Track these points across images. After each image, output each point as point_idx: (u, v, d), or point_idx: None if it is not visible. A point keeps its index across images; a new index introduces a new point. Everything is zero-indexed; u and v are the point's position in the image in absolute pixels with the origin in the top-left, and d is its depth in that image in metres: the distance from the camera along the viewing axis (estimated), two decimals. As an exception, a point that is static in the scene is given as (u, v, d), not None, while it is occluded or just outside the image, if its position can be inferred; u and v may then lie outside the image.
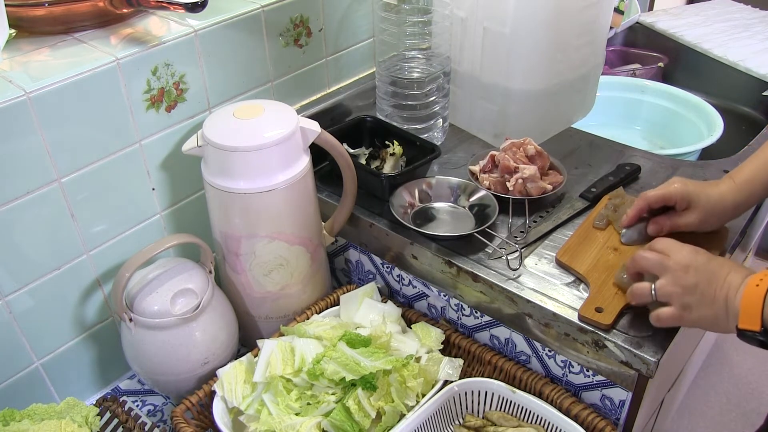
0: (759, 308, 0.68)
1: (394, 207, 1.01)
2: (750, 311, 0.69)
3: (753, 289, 0.70)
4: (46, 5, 0.88)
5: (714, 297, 0.74)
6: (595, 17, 1.10)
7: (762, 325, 0.69)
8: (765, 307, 0.68)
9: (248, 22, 1.03)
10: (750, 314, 0.69)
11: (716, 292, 0.74)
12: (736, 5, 1.94)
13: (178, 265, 0.97)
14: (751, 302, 0.69)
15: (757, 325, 0.69)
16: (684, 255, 0.78)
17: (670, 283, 0.77)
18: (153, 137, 0.97)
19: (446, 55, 1.16)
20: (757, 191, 0.88)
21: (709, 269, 0.76)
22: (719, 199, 0.88)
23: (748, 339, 0.71)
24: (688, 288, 0.76)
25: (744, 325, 0.70)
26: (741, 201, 0.88)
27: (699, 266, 0.77)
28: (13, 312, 0.90)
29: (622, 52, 1.87)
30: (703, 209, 0.88)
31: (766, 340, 0.69)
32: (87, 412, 0.89)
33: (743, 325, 0.70)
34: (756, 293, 0.69)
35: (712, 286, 0.74)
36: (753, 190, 0.88)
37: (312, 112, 1.19)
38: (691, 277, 0.76)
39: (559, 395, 0.91)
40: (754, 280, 0.70)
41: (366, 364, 0.88)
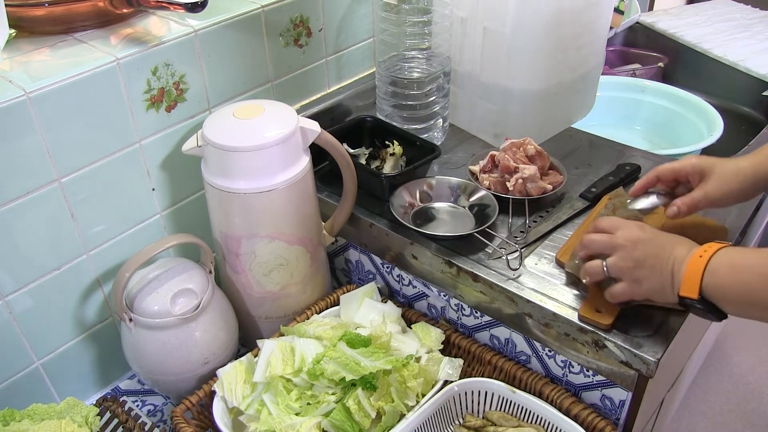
0: (698, 277, 0.73)
1: (394, 207, 1.01)
2: (690, 280, 0.74)
3: (696, 259, 0.74)
4: (46, 5, 0.88)
5: (662, 269, 0.77)
6: (595, 17, 1.10)
7: (700, 293, 0.73)
8: (704, 277, 0.73)
9: (248, 22, 1.03)
10: (690, 283, 0.74)
11: (663, 264, 0.77)
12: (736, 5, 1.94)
13: (178, 265, 0.97)
14: (692, 272, 0.74)
15: (695, 293, 0.73)
16: (631, 230, 0.81)
17: (621, 259, 0.80)
18: (153, 137, 0.97)
19: (446, 55, 1.16)
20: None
21: (657, 243, 0.79)
22: (735, 170, 0.84)
23: (688, 306, 0.76)
24: (639, 261, 0.78)
25: (684, 293, 0.74)
26: (762, 173, 0.84)
27: (647, 240, 0.79)
28: (13, 312, 0.90)
29: (622, 52, 1.87)
30: (718, 178, 0.85)
31: (704, 308, 0.74)
32: (87, 412, 0.89)
33: (683, 293, 0.74)
34: (698, 263, 0.73)
35: (660, 259, 0.77)
36: None
37: (312, 112, 1.19)
38: (640, 252, 0.79)
39: (559, 395, 0.91)
40: (699, 252, 0.75)
41: (366, 364, 0.88)
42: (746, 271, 0.71)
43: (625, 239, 0.80)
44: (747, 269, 0.71)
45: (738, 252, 0.74)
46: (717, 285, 0.73)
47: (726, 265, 0.73)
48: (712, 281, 0.73)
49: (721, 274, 0.72)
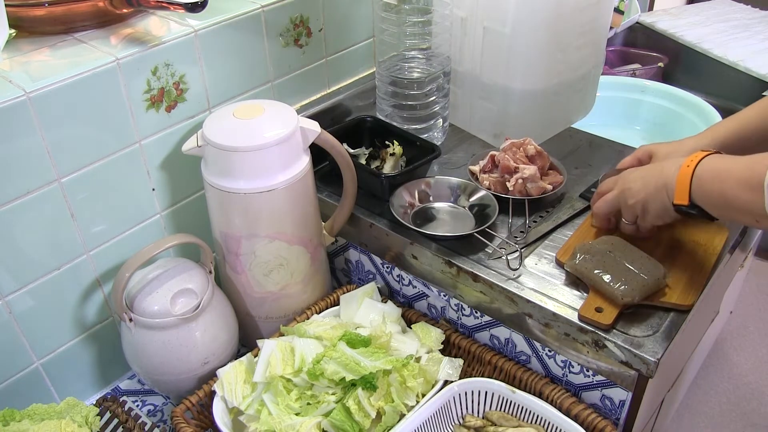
0: (687, 185, 0.79)
1: (394, 207, 1.01)
2: (681, 188, 0.80)
3: (684, 169, 0.80)
4: (46, 5, 0.88)
5: (657, 184, 0.84)
6: (595, 17, 1.10)
7: (690, 199, 0.79)
8: (692, 184, 0.79)
9: (248, 22, 1.03)
10: (680, 191, 0.80)
11: (658, 180, 0.84)
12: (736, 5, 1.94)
13: (178, 265, 0.97)
14: (682, 181, 0.80)
15: (686, 200, 0.80)
16: (626, 176, 0.90)
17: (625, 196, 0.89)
18: (153, 137, 0.97)
19: (446, 55, 1.16)
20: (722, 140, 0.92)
21: (652, 167, 0.88)
22: (677, 146, 0.94)
23: (682, 213, 0.82)
24: (635, 178, 0.88)
25: (677, 201, 0.81)
26: (703, 144, 0.92)
27: (641, 173, 0.88)
28: (13, 312, 0.90)
29: (622, 52, 1.87)
30: (661, 150, 0.96)
31: (696, 213, 0.80)
32: (87, 412, 0.89)
33: (676, 201, 0.81)
34: (686, 173, 0.79)
35: (654, 174, 0.85)
36: (715, 137, 0.93)
37: (312, 112, 1.19)
38: (638, 173, 0.88)
39: (559, 395, 0.91)
40: (686, 162, 0.80)
41: (366, 364, 0.88)
42: (724, 176, 0.76)
43: (624, 183, 0.89)
44: (725, 174, 0.76)
45: (720, 159, 0.79)
46: (702, 191, 0.79)
47: (708, 172, 0.78)
48: (698, 188, 0.79)
49: (705, 180, 0.78)
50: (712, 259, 0.91)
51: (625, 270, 0.87)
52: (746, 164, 0.74)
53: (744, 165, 0.74)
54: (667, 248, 0.94)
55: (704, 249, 0.93)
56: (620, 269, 0.87)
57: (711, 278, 0.89)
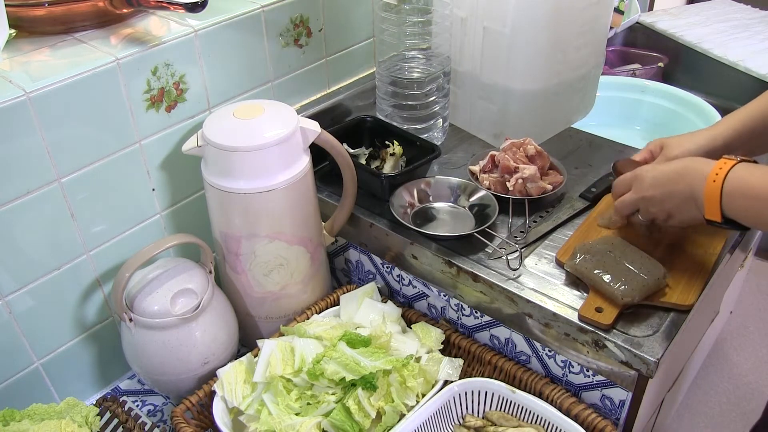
0: (717, 202, 0.77)
1: (394, 207, 1.01)
2: (711, 206, 0.78)
3: (711, 185, 0.78)
4: (46, 5, 0.88)
5: (682, 193, 0.82)
6: (595, 17, 1.10)
7: (722, 216, 0.78)
8: (722, 201, 0.77)
9: (248, 22, 1.03)
10: (712, 208, 0.78)
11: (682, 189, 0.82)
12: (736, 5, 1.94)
13: (178, 265, 0.97)
14: (711, 198, 0.78)
15: (718, 217, 0.78)
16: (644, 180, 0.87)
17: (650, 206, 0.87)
18: (153, 137, 0.97)
19: (446, 55, 1.16)
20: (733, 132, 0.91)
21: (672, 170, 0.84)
22: (689, 138, 0.93)
23: (715, 225, 0.80)
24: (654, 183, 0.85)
25: (709, 217, 0.79)
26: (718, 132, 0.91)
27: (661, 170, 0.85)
28: (13, 312, 0.90)
29: (622, 52, 1.87)
30: (672, 140, 0.93)
31: (730, 227, 0.79)
32: (87, 412, 0.89)
33: (708, 217, 0.79)
34: (713, 189, 0.77)
35: (678, 182, 0.82)
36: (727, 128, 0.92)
37: (312, 112, 1.19)
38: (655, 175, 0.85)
39: (559, 395, 0.91)
40: (711, 176, 0.78)
41: (366, 364, 0.88)
42: (759, 194, 0.74)
43: (642, 188, 0.87)
44: (759, 192, 0.74)
45: (749, 171, 0.76)
46: (734, 208, 0.77)
47: (740, 190, 0.76)
48: (730, 206, 0.77)
49: (736, 198, 0.76)
50: (712, 259, 0.91)
51: (625, 270, 0.87)
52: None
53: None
54: (667, 248, 0.93)
55: (704, 249, 0.93)
56: (620, 269, 0.87)
57: (711, 278, 0.89)
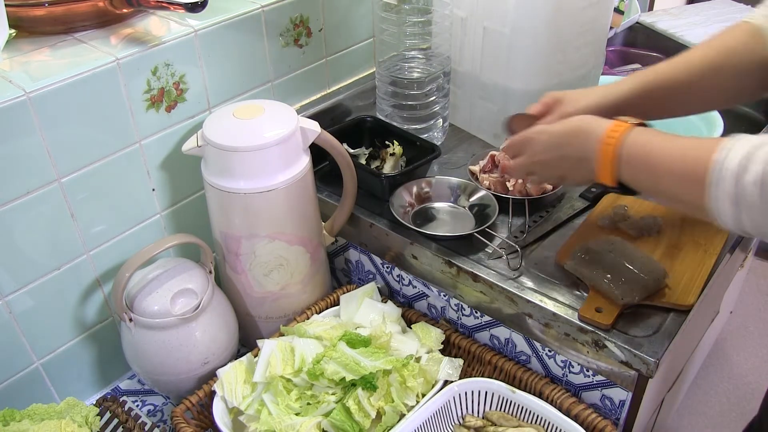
0: (610, 165, 0.75)
1: (394, 207, 1.01)
2: (604, 170, 0.76)
3: (605, 148, 0.75)
4: (46, 5, 0.88)
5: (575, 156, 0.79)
6: (595, 17, 1.10)
7: (615, 181, 0.76)
8: (619, 166, 0.75)
9: (248, 22, 1.03)
10: (605, 172, 0.76)
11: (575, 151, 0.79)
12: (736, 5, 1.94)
13: (178, 265, 0.97)
14: (604, 161, 0.76)
15: (611, 180, 0.76)
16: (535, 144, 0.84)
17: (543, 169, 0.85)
18: (153, 137, 0.97)
19: (446, 55, 1.16)
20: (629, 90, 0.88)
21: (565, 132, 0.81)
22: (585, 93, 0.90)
23: (609, 189, 0.80)
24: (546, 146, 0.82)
25: (601, 180, 0.77)
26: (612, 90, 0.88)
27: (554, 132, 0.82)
28: (13, 312, 0.90)
29: (622, 52, 1.86)
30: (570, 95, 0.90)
31: (620, 190, 0.78)
32: (87, 412, 0.89)
33: (601, 180, 0.77)
34: (607, 152, 0.75)
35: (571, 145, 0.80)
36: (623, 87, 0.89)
37: (312, 112, 1.19)
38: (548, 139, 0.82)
39: (559, 395, 0.91)
40: (605, 139, 0.75)
41: (366, 364, 0.88)
42: (657, 164, 0.72)
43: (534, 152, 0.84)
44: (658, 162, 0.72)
45: (646, 137, 0.74)
46: (630, 175, 0.75)
47: (637, 157, 0.74)
48: (626, 172, 0.75)
49: (633, 166, 0.74)
50: (712, 259, 0.92)
51: (625, 270, 0.87)
52: (682, 154, 0.70)
53: (680, 156, 0.70)
54: (667, 248, 0.94)
55: (704, 249, 0.93)
56: (620, 269, 0.87)
57: (711, 278, 0.89)
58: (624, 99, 0.88)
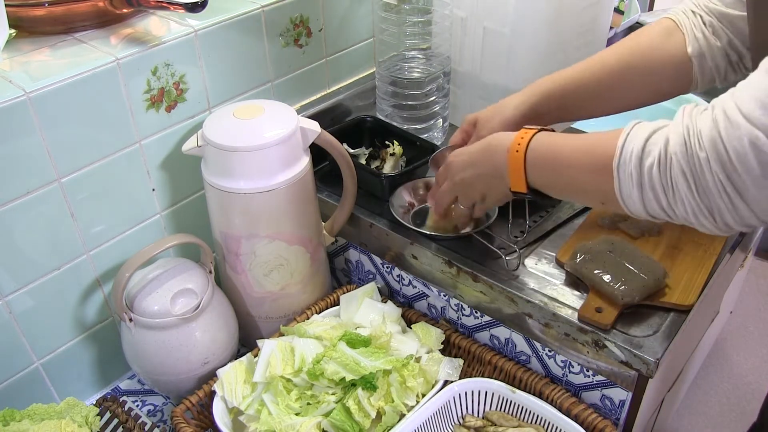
0: (521, 172, 0.76)
1: (393, 207, 1.01)
2: (516, 177, 0.77)
3: (514, 155, 0.77)
4: (46, 5, 0.88)
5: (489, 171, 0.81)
6: (595, 17, 1.10)
7: (528, 186, 0.77)
8: (527, 171, 0.76)
9: (248, 22, 1.03)
10: (516, 179, 0.77)
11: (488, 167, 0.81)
12: (735, 5, 1.94)
13: (178, 265, 0.97)
14: (515, 168, 0.77)
15: (523, 187, 0.78)
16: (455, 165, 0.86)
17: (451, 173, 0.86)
18: (153, 137, 0.97)
19: (446, 55, 1.16)
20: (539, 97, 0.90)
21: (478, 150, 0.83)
22: (498, 109, 0.91)
23: (521, 197, 0.80)
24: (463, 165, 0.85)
25: (514, 188, 0.79)
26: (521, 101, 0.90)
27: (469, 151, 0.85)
28: (13, 312, 0.90)
29: (622, 52, 1.86)
30: (482, 116, 0.92)
31: (534, 197, 0.79)
32: (87, 412, 0.89)
33: (514, 188, 0.79)
34: (516, 159, 0.76)
35: (484, 160, 0.82)
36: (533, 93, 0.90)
37: (312, 112, 1.19)
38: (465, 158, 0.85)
39: (559, 395, 0.91)
40: (513, 146, 0.77)
41: (366, 364, 0.88)
42: (563, 161, 0.73)
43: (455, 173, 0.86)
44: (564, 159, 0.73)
45: (550, 139, 0.75)
46: (540, 177, 0.76)
47: (543, 158, 0.75)
48: (535, 175, 0.76)
49: (541, 167, 0.75)
50: (712, 259, 0.92)
51: (625, 270, 0.87)
52: (586, 148, 0.71)
53: (585, 149, 0.71)
54: (667, 248, 0.94)
55: (704, 249, 0.93)
56: (620, 269, 0.87)
57: (711, 278, 0.89)
58: (535, 107, 0.89)
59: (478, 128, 0.92)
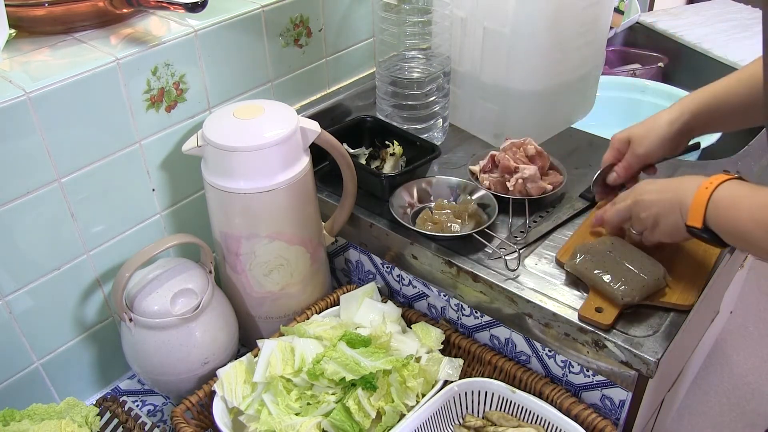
0: (703, 207, 0.77)
1: (393, 207, 1.01)
2: (696, 210, 0.77)
3: (702, 191, 0.77)
4: (46, 5, 0.88)
5: (671, 198, 0.82)
6: (595, 17, 1.10)
7: (703, 222, 0.77)
8: (708, 208, 0.76)
9: (248, 22, 1.03)
10: (695, 212, 0.78)
11: (673, 194, 0.82)
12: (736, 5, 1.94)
13: (178, 265, 0.97)
14: (698, 202, 0.77)
15: (699, 222, 0.77)
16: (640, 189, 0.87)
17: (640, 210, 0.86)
18: (153, 137, 0.97)
19: (446, 55, 1.16)
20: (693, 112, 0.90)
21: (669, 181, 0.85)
22: (651, 124, 0.92)
23: (693, 235, 0.80)
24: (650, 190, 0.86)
25: (689, 222, 0.78)
26: (674, 117, 0.91)
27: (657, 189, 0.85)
28: (13, 312, 0.90)
29: (622, 52, 1.86)
30: (638, 138, 0.93)
31: (708, 237, 0.78)
32: (87, 412, 0.89)
33: (689, 222, 0.78)
34: (703, 194, 0.77)
35: (671, 189, 0.83)
36: (685, 110, 0.91)
37: (312, 112, 1.19)
38: (655, 185, 0.86)
39: (559, 395, 0.91)
40: (705, 183, 0.78)
41: (366, 364, 0.88)
42: (740, 207, 0.74)
43: (638, 194, 0.87)
44: (741, 205, 0.74)
45: (740, 187, 0.76)
46: (716, 217, 0.76)
47: (726, 199, 0.76)
48: (714, 214, 0.76)
49: (720, 207, 0.76)
50: (712, 259, 0.92)
51: (625, 270, 0.87)
52: (763, 201, 0.72)
53: (760, 201, 0.72)
54: (667, 248, 0.93)
55: (704, 249, 0.93)
56: (620, 269, 0.87)
57: (711, 278, 0.89)
58: (689, 123, 0.90)
59: (633, 146, 0.93)
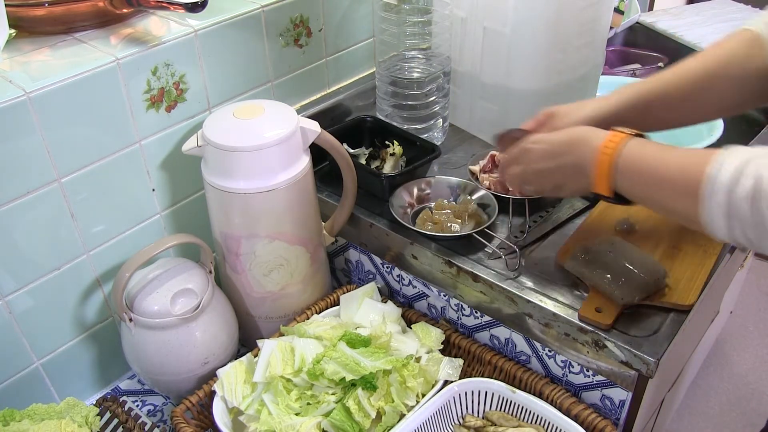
0: (606, 176, 0.76)
1: (393, 207, 1.01)
2: (601, 179, 0.76)
3: (602, 157, 0.76)
4: (46, 5, 0.88)
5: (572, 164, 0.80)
6: (595, 17, 1.10)
7: (611, 191, 0.77)
8: (615, 176, 0.75)
9: (248, 22, 1.03)
10: (601, 181, 0.77)
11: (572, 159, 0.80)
12: (736, 5, 1.94)
13: (178, 265, 0.97)
14: (601, 170, 0.76)
15: (607, 191, 0.77)
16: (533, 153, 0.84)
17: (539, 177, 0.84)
18: (153, 137, 0.97)
19: (446, 55, 1.16)
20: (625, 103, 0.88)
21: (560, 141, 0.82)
22: (578, 107, 0.89)
23: (604, 199, 0.79)
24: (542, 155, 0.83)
25: (598, 191, 0.78)
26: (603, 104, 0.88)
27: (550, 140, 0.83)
28: (13, 312, 0.90)
29: (622, 52, 1.86)
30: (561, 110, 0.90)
31: (615, 201, 0.78)
32: (87, 412, 0.89)
33: (597, 190, 0.78)
34: (603, 161, 0.75)
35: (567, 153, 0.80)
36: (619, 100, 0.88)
37: (312, 112, 1.19)
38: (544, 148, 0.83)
39: (559, 395, 0.91)
40: (601, 148, 0.76)
41: (366, 364, 0.88)
42: (653, 175, 0.73)
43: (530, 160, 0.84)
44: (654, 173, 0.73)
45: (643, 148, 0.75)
46: (626, 186, 0.76)
47: (633, 168, 0.74)
48: (622, 182, 0.76)
49: (630, 177, 0.75)
50: (712, 259, 0.92)
51: (625, 270, 0.87)
52: (679, 167, 0.70)
53: (677, 168, 0.70)
54: (667, 248, 0.94)
55: (704, 249, 0.93)
56: (620, 269, 0.87)
57: (711, 278, 0.89)
58: (617, 112, 0.88)
59: (554, 120, 0.89)
